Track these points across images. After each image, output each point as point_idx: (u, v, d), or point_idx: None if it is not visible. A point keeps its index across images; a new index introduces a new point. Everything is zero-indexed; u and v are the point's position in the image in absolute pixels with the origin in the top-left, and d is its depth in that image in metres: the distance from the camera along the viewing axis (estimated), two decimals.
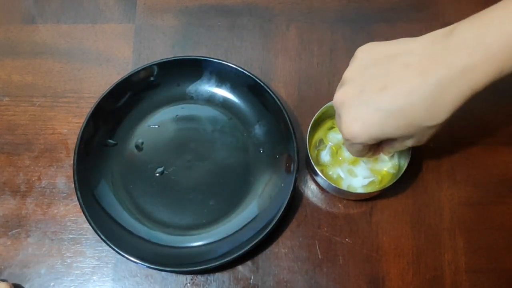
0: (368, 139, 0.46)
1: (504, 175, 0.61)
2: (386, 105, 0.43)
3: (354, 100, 0.45)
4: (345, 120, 0.46)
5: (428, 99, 0.41)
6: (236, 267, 0.58)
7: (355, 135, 0.46)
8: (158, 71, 0.64)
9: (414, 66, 0.42)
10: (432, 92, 0.41)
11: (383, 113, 0.44)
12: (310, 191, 0.61)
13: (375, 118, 0.44)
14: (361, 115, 0.45)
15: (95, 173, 0.61)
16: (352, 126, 0.45)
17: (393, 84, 0.43)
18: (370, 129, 0.45)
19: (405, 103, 0.42)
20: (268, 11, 0.70)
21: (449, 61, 0.41)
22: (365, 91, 0.45)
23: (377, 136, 0.45)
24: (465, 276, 0.57)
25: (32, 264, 0.59)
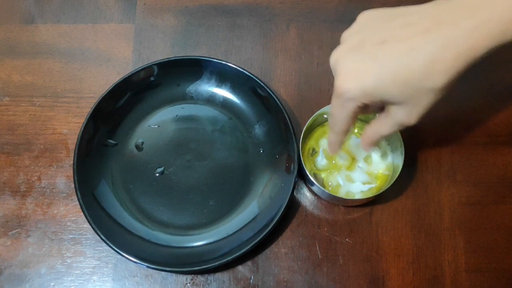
0: (362, 91, 0.42)
1: (504, 175, 0.61)
2: (384, 58, 0.41)
3: (350, 53, 0.43)
4: (339, 73, 0.43)
5: (428, 57, 0.40)
6: (236, 267, 0.58)
7: (350, 87, 0.42)
8: (158, 71, 0.64)
9: (416, 25, 0.41)
10: (433, 50, 0.39)
11: (381, 66, 0.41)
12: (310, 191, 0.61)
13: (371, 69, 0.41)
14: (357, 66, 0.42)
15: (95, 173, 0.61)
16: (347, 78, 0.42)
17: (393, 39, 0.41)
18: (364, 81, 0.42)
19: (404, 59, 0.40)
20: (268, 11, 0.70)
21: (452, 21, 0.39)
22: (363, 45, 0.43)
23: (371, 90, 0.42)
24: (465, 276, 0.57)
25: (32, 264, 0.59)
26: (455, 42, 0.39)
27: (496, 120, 0.63)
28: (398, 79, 0.41)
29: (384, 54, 0.41)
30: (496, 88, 0.65)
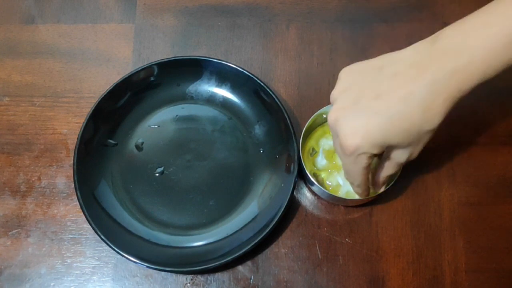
0: (372, 145, 0.44)
1: (504, 175, 0.61)
2: (384, 111, 0.43)
3: (349, 111, 0.45)
4: (344, 133, 0.45)
5: (423, 102, 0.42)
6: (236, 267, 0.58)
7: (359, 143, 0.44)
8: (158, 71, 0.64)
9: (402, 74, 0.43)
10: (425, 96, 0.42)
11: (383, 118, 0.43)
12: (310, 191, 0.61)
13: (376, 123, 0.43)
14: (361, 123, 0.44)
15: (95, 173, 0.61)
16: (354, 135, 0.44)
17: (386, 92, 0.44)
18: (373, 134, 0.44)
19: (403, 108, 0.43)
20: (268, 11, 0.70)
21: (436, 66, 0.42)
22: (359, 102, 0.45)
23: (380, 142, 0.44)
24: (465, 276, 0.57)
25: (32, 264, 0.59)
26: (443, 86, 0.42)
27: (496, 120, 0.63)
28: (401, 129, 0.43)
29: (384, 108, 0.43)
30: (496, 88, 0.65)
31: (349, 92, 0.46)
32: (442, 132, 0.62)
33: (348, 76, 0.47)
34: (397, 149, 0.47)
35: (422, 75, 0.42)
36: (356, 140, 0.44)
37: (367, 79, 0.45)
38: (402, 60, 0.44)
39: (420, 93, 0.42)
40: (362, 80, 0.46)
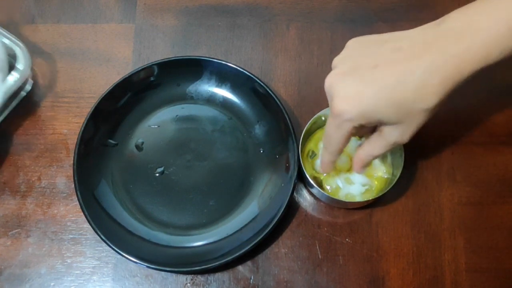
0: (359, 114, 0.44)
1: (504, 175, 0.61)
2: (379, 80, 0.43)
3: (345, 77, 0.45)
4: (337, 95, 0.45)
5: (418, 81, 0.42)
6: (236, 267, 0.58)
7: (348, 109, 0.44)
8: (158, 71, 0.64)
9: (405, 50, 0.43)
10: (423, 74, 0.42)
11: (376, 87, 0.43)
12: (309, 193, 0.61)
13: (368, 91, 0.43)
14: (354, 89, 0.44)
15: (95, 173, 0.61)
16: (345, 100, 0.44)
17: (384, 64, 0.44)
18: (363, 102, 0.43)
19: (397, 82, 0.43)
20: (268, 11, 0.70)
21: (439, 47, 0.42)
22: (357, 69, 0.45)
23: (369, 112, 0.44)
24: (465, 276, 0.57)
25: (32, 264, 0.59)
26: (442, 67, 0.42)
27: (496, 120, 0.63)
28: (392, 101, 0.43)
29: (378, 78, 0.43)
30: (496, 88, 0.65)
31: (349, 59, 0.46)
32: (442, 132, 0.63)
33: (354, 45, 0.47)
34: (387, 126, 0.46)
35: (423, 54, 0.42)
36: (345, 105, 0.44)
37: (370, 49, 0.45)
38: (407, 37, 0.44)
39: (418, 70, 0.42)
40: (365, 49, 0.46)
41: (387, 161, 0.58)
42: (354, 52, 0.47)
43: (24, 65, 0.60)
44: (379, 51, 0.45)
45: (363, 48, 0.46)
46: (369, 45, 0.46)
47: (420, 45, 0.43)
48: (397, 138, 0.47)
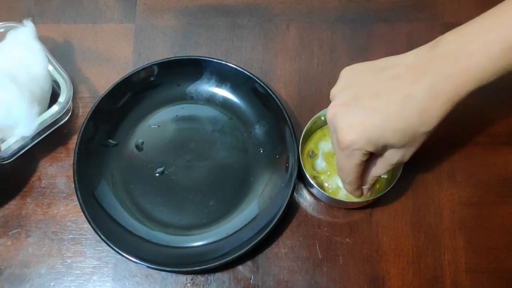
0: (367, 142, 0.45)
1: (504, 175, 0.61)
2: (383, 110, 0.44)
3: (348, 108, 0.45)
4: (341, 128, 0.45)
5: (421, 105, 0.43)
6: (236, 267, 0.58)
7: (355, 139, 0.45)
8: (158, 71, 0.64)
9: (403, 77, 0.44)
10: (424, 99, 0.43)
11: (381, 116, 0.44)
12: (309, 193, 0.61)
13: (374, 120, 0.44)
14: (359, 120, 0.45)
15: (95, 173, 0.61)
16: (351, 131, 0.45)
17: (386, 92, 0.44)
18: (370, 131, 0.44)
19: (401, 108, 0.43)
20: (268, 11, 0.70)
21: (435, 70, 0.43)
22: (359, 99, 0.45)
23: (376, 139, 0.45)
24: (465, 276, 0.57)
25: (32, 264, 0.59)
26: (441, 91, 0.43)
27: (496, 120, 0.63)
28: (398, 128, 0.44)
29: (382, 106, 0.44)
30: (496, 88, 0.65)
31: (349, 89, 0.46)
32: (442, 132, 0.62)
33: (349, 75, 0.48)
34: (390, 149, 0.47)
35: (421, 78, 0.43)
36: (353, 135, 0.45)
37: (368, 78, 0.46)
38: (402, 63, 0.45)
39: (419, 95, 0.43)
40: (363, 79, 0.46)
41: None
42: (351, 82, 0.47)
43: (66, 97, 0.60)
44: (378, 80, 0.45)
45: (360, 77, 0.47)
46: (365, 74, 0.47)
47: (417, 70, 0.44)
48: (398, 160, 0.48)
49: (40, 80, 0.59)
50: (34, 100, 0.58)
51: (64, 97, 0.60)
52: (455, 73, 0.42)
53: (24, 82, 0.57)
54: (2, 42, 0.60)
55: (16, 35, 0.60)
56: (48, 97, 0.61)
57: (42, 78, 0.59)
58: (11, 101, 0.55)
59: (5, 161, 0.61)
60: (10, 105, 0.55)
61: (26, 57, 0.59)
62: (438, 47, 0.44)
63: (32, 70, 0.59)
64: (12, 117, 0.56)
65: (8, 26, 0.62)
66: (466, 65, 0.42)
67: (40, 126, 0.58)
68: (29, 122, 0.57)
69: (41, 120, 0.58)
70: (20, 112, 0.56)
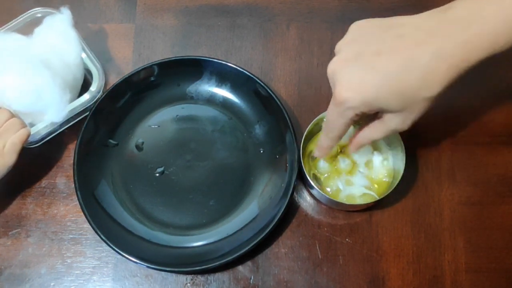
0: (362, 102, 0.43)
1: (504, 175, 0.61)
2: (383, 68, 0.42)
3: (349, 64, 0.44)
4: (340, 83, 0.44)
5: (423, 68, 0.42)
6: (236, 267, 0.58)
7: (350, 96, 0.43)
8: (158, 71, 0.64)
9: (409, 37, 0.43)
10: (428, 63, 0.41)
11: (380, 75, 0.43)
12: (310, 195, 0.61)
13: (371, 79, 0.43)
14: (357, 76, 0.43)
15: (95, 173, 0.61)
16: (348, 88, 0.44)
17: (388, 51, 0.43)
18: (366, 91, 0.43)
19: (401, 70, 0.42)
20: (268, 11, 0.70)
21: (444, 34, 0.41)
22: (360, 56, 0.44)
23: (372, 99, 0.43)
24: (465, 276, 0.57)
25: (32, 264, 0.59)
26: (448, 55, 0.41)
27: (496, 120, 0.63)
28: (396, 90, 0.43)
29: (382, 66, 0.43)
30: (496, 88, 0.65)
31: (353, 45, 0.45)
32: (442, 132, 0.63)
33: (357, 30, 0.46)
34: (388, 113, 0.46)
35: (429, 41, 0.42)
36: (348, 93, 0.44)
37: (374, 35, 0.45)
38: (411, 24, 0.44)
39: (423, 58, 0.41)
40: (369, 35, 0.45)
41: (388, 164, 0.58)
42: (357, 37, 0.46)
43: (97, 86, 0.60)
44: (383, 38, 0.44)
45: (367, 33, 0.45)
46: (372, 31, 0.45)
47: (425, 31, 0.42)
48: (398, 125, 0.46)
49: (73, 68, 0.60)
50: (66, 87, 0.58)
51: (96, 86, 0.60)
52: (466, 38, 0.41)
53: (57, 68, 0.58)
54: (39, 27, 0.61)
55: (53, 21, 0.61)
56: (79, 85, 0.62)
57: (75, 66, 0.60)
58: (43, 86, 0.56)
59: (33, 145, 0.62)
60: (42, 90, 0.56)
61: (61, 44, 0.60)
62: (450, 11, 0.42)
63: (65, 57, 0.59)
64: (43, 102, 0.56)
65: (45, 12, 0.63)
66: (478, 30, 0.41)
67: (70, 114, 0.59)
68: (59, 109, 0.57)
69: (72, 108, 0.59)
70: (51, 98, 0.56)
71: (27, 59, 0.57)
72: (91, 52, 0.62)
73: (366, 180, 0.58)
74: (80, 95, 0.61)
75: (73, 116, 0.61)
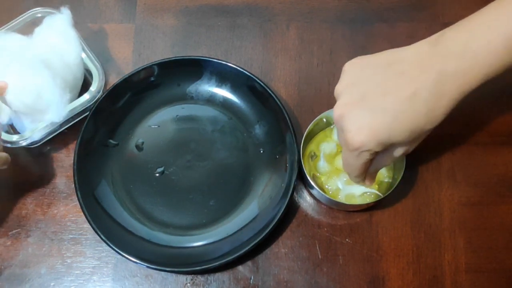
0: (377, 144, 0.44)
1: (504, 175, 0.61)
2: (391, 108, 0.43)
3: (356, 108, 0.45)
4: (350, 129, 0.45)
5: (427, 103, 0.43)
6: (236, 267, 0.58)
7: (364, 141, 0.44)
8: (158, 71, 0.64)
9: (407, 73, 0.44)
10: (429, 97, 0.43)
11: (390, 116, 0.44)
12: (310, 195, 0.61)
13: (381, 121, 0.44)
14: (367, 121, 0.44)
15: (95, 173, 0.61)
16: (360, 133, 0.44)
17: (393, 90, 0.44)
18: (379, 133, 0.44)
19: (408, 107, 0.43)
20: (268, 11, 0.70)
21: (439, 68, 0.43)
22: (365, 98, 0.45)
23: (385, 140, 0.44)
24: (465, 276, 0.57)
25: (32, 264, 0.59)
26: (446, 88, 0.43)
27: (496, 120, 0.63)
28: (405, 128, 0.44)
29: (390, 106, 0.44)
30: (497, 88, 0.65)
31: (355, 87, 0.46)
32: (442, 132, 0.62)
33: (353, 70, 0.47)
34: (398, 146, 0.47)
35: (425, 75, 0.43)
36: (362, 137, 0.44)
37: (374, 75, 0.45)
38: (406, 59, 0.45)
39: (425, 93, 0.43)
40: (369, 75, 0.46)
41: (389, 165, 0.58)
42: (356, 79, 0.46)
43: (97, 86, 0.60)
44: (385, 77, 0.45)
45: (366, 74, 0.46)
46: (371, 71, 0.46)
47: (418, 66, 0.44)
48: (403, 153, 0.48)
49: (73, 68, 0.60)
50: (66, 87, 0.58)
51: (96, 86, 0.60)
52: (459, 71, 0.42)
53: (57, 68, 0.58)
54: (39, 27, 0.61)
55: (53, 21, 0.61)
56: (79, 85, 0.62)
57: (75, 66, 0.60)
58: (43, 86, 0.56)
59: (33, 145, 0.62)
60: (42, 90, 0.56)
61: (61, 44, 0.60)
62: (440, 43, 0.43)
63: (66, 57, 0.59)
64: (43, 102, 0.56)
65: (45, 12, 0.63)
66: (471, 62, 0.42)
67: (70, 114, 0.59)
68: (59, 109, 0.57)
69: (72, 108, 0.59)
70: (52, 98, 0.56)
71: (27, 59, 0.57)
72: (91, 52, 0.62)
73: None
74: (80, 95, 0.60)
75: (73, 116, 0.61)
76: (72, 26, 0.61)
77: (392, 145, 0.47)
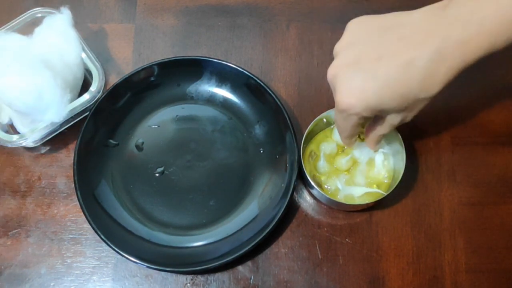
0: (365, 108, 0.44)
1: (504, 175, 0.61)
2: (383, 74, 0.43)
3: (349, 70, 0.45)
4: (341, 89, 0.45)
5: (423, 71, 0.42)
6: (236, 267, 0.58)
7: (352, 103, 0.44)
8: (158, 71, 0.64)
9: (408, 39, 0.43)
10: (427, 64, 0.42)
11: (381, 82, 0.43)
12: (310, 194, 0.61)
13: (372, 86, 0.43)
14: (358, 84, 0.44)
15: (95, 173, 0.61)
16: (349, 95, 0.44)
17: (388, 55, 0.43)
18: (367, 97, 0.44)
19: (402, 74, 0.42)
20: (268, 11, 0.70)
21: (443, 34, 0.42)
22: (360, 61, 0.44)
23: (374, 105, 0.44)
24: (465, 276, 0.57)
25: (32, 264, 0.59)
26: (448, 55, 0.41)
27: (496, 120, 0.63)
28: (397, 94, 0.43)
29: (383, 71, 0.43)
30: (496, 88, 0.65)
31: (352, 48, 0.46)
32: (442, 132, 0.63)
33: (355, 29, 0.47)
34: (391, 113, 0.47)
35: (427, 42, 0.42)
36: (350, 100, 0.44)
37: (373, 38, 0.45)
38: (410, 24, 0.44)
39: (422, 60, 0.42)
40: (368, 37, 0.45)
41: (388, 165, 0.58)
42: (355, 39, 0.46)
43: (97, 86, 0.61)
44: (383, 41, 0.44)
45: (366, 35, 0.46)
46: (371, 32, 0.45)
47: (424, 32, 0.42)
48: (400, 121, 0.48)
49: (73, 68, 0.60)
50: (67, 87, 0.58)
51: (96, 86, 0.61)
52: (464, 39, 0.41)
53: (57, 68, 0.58)
54: (39, 27, 0.61)
55: (53, 21, 0.61)
56: (80, 85, 0.62)
57: (75, 66, 0.60)
58: (43, 86, 0.56)
59: (33, 145, 0.62)
60: (42, 90, 0.56)
61: (61, 44, 0.60)
62: (448, 9, 0.42)
63: (66, 57, 0.60)
64: (43, 102, 0.56)
65: (45, 12, 0.63)
66: (477, 30, 0.41)
67: (70, 114, 0.59)
68: (59, 109, 0.57)
69: (72, 108, 0.59)
70: (52, 98, 0.56)
71: (28, 59, 0.57)
72: (91, 52, 0.62)
73: (366, 180, 0.58)
74: (80, 95, 0.60)
75: (73, 116, 0.61)
76: (72, 26, 0.61)
77: (385, 112, 0.46)
